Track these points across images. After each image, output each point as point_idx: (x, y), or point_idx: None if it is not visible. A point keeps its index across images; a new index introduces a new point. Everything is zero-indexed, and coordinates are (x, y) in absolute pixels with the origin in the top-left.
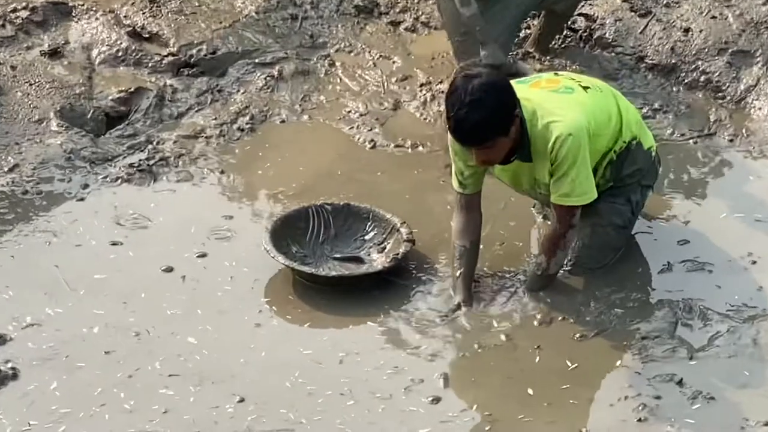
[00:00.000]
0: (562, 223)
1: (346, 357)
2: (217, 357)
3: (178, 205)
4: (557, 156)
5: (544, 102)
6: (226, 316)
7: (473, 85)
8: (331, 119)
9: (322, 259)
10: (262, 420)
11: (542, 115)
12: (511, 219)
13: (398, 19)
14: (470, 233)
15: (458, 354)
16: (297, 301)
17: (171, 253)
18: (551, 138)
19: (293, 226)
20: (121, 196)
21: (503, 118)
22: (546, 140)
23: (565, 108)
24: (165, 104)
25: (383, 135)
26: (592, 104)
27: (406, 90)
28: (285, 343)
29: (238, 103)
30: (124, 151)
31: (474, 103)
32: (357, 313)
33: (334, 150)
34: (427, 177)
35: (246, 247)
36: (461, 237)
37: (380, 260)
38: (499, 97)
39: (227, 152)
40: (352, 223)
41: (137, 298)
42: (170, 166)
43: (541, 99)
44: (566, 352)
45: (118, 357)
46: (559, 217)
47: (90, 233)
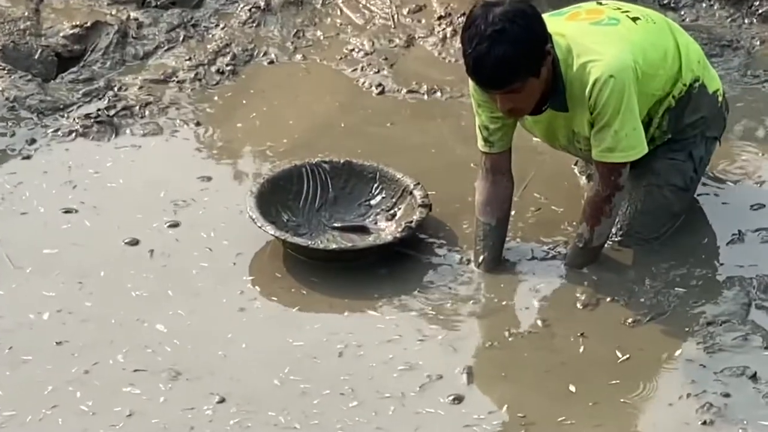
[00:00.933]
0: (607, 185)
1: (346, 349)
2: (192, 348)
3: (144, 165)
4: (597, 102)
5: (581, 37)
6: (202, 299)
7: (495, 13)
8: (330, 59)
9: (319, 229)
10: (246, 424)
11: (579, 53)
12: (548, 179)
13: None
14: (497, 207)
15: (485, 344)
16: (288, 279)
17: (136, 222)
18: (589, 81)
19: (283, 188)
20: (76, 153)
21: (533, 54)
22: (583, 84)
23: (607, 44)
24: (128, 42)
25: (393, 78)
26: (642, 38)
27: (421, 23)
28: (273, 331)
29: (217, 40)
30: (78, 99)
31: (496, 34)
32: (361, 295)
33: (334, 96)
34: (446, 129)
35: (226, 215)
36: (486, 212)
37: (390, 229)
38: (527, 26)
39: (204, 100)
40: (355, 184)
41: (95, 278)
42: (135, 116)
43: (578, 33)
44: (615, 341)
45: (73, 348)
46: (602, 176)
47: (38, 198)
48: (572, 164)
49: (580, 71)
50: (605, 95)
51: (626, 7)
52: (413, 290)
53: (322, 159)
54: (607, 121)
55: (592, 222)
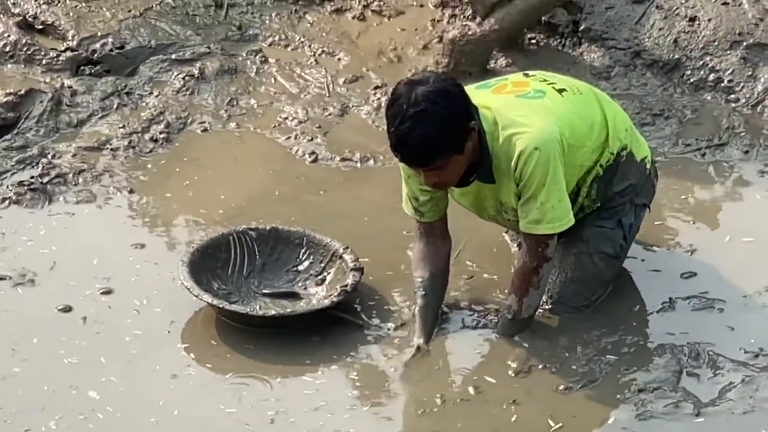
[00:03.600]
0: (534, 256)
1: (276, 416)
2: (124, 415)
3: (78, 232)
4: (522, 174)
5: (507, 110)
6: (134, 366)
7: (417, 93)
8: (263, 127)
9: (249, 296)
10: None
11: (504, 125)
12: (479, 247)
13: (344, 6)
14: (431, 262)
15: (416, 411)
16: (221, 346)
17: (69, 289)
18: (515, 153)
19: (212, 256)
20: (9, 220)
21: (454, 133)
22: (509, 156)
23: (533, 116)
24: (62, 110)
25: (327, 146)
26: (568, 110)
27: (356, 93)
28: (205, 399)
29: (151, 108)
30: (12, 167)
31: (418, 115)
32: (293, 361)
33: (268, 165)
34: (379, 196)
35: (159, 283)
36: (419, 267)
37: (321, 294)
38: (448, 107)
39: (138, 167)
40: (282, 250)
41: (28, 344)
42: (68, 184)
43: (504, 106)
44: (548, 409)
45: (5, 415)
46: (529, 248)
47: None
48: (503, 232)
49: (506, 144)
50: (530, 167)
51: (552, 79)
52: (345, 356)
53: (248, 226)
54: (532, 193)
55: (520, 293)
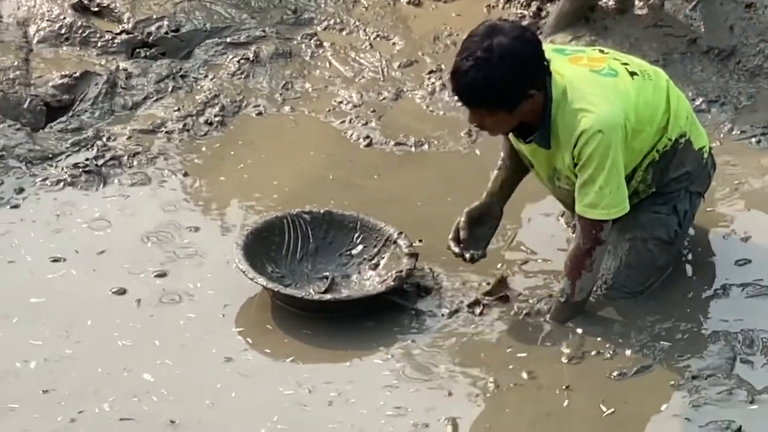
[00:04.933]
0: (588, 239)
1: (336, 397)
2: (179, 398)
3: (132, 214)
4: (581, 153)
5: (579, 82)
6: (189, 349)
7: (492, 40)
8: (318, 111)
9: (303, 280)
10: None
11: (573, 98)
12: (534, 232)
13: None
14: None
15: (470, 395)
16: (276, 330)
17: (124, 272)
18: (577, 129)
19: (266, 240)
20: (64, 202)
21: (507, 93)
22: (571, 129)
23: (602, 96)
24: (117, 92)
25: (381, 130)
26: (636, 94)
27: (411, 77)
28: (262, 381)
29: (206, 92)
30: (67, 149)
31: (481, 61)
32: (349, 345)
33: (322, 148)
34: (433, 181)
35: (213, 266)
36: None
37: (375, 279)
38: (513, 68)
39: (192, 150)
40: (336, 234)
41: (82, 327)
42: (123, 166)
43: (577, 78)
44: (601, 394)
45: (59, 397)
46: (583, 230)
47: (25, 247)
48: (559, 216)
49: (570, 116)
50: (591, 149)
51: (626, 60)
52: (400, 340)
53: (302, 210)
54: (591, 175)
55: (573, 276)
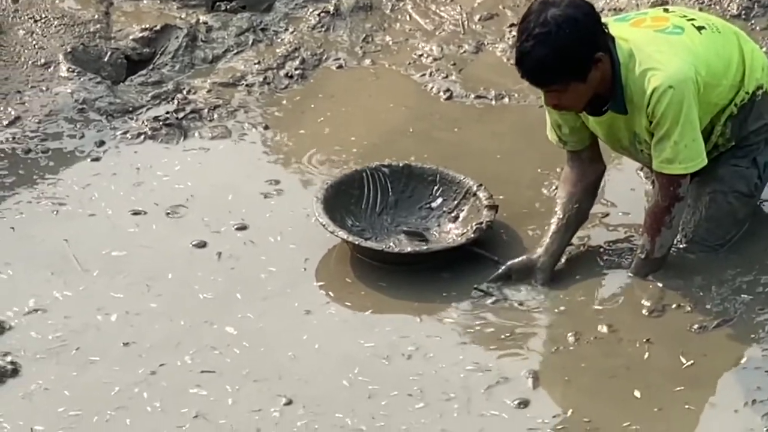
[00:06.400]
0: (666, 195)
1: (415, 351)
2: (261, 350)
3: (212, 167)
4: (655, 111)
5: (644, 44)
6: (270, 302)
7: (547, 14)
8: (398, 64)
9: (383, 233)
10: (313, 426)
11: (641, 60)
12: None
13: None
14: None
15: (550, 348)
16: (356, 283)
17: (204, 225)
18: (648, 88)
19: (346, 193)
20: (144, 155)
21: (574, 61)
22: (643, 90)
23: (669, 53)
24: (197, 45)
25: (461, 84)
26: (706, 48)
27: (492, 30)
28: (342, 334)
29: (286, 45)
30: (147, 102)
31: (541, 36)
32: (428, 298)
33: (402, 101)
34: (513, 134)
35: (294, 219)
36: (560, 189)
37: (455, 231)
38: (575, 34)
39: (272, 103)
40: (415, 187)
41: (163, 280)
42: (204, 119)
43: (641, 40)
44: (681, 347)
45: (140, 350)
46: (662, 187)
47: (106, 200)
48: (638, 169)
49: (640, 78)
50: (663, 105)
51: (692, 15)
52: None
53: (381, 163)
54: (666, 131)
55: (652, 233)
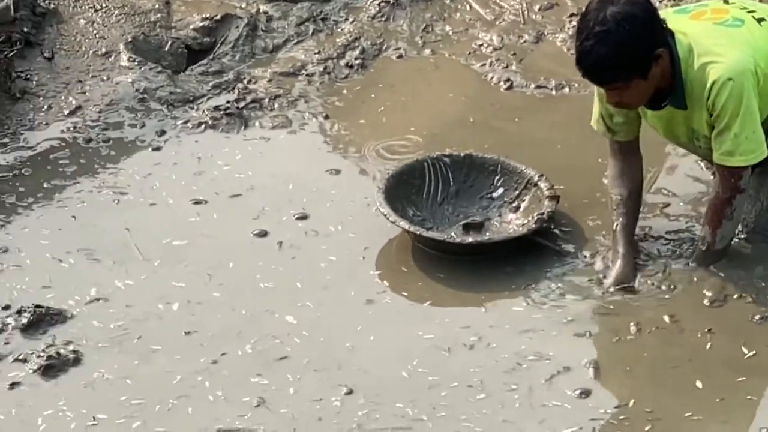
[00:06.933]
0: (727, 187)
1: (476, 341)
2: (321, 340)
3: (273, 157)
4: (715, 104)
5: (704, 37)
6: (330, 291)
7: (606, 12)
8: (458, 54)
9: (444, 223)
10: (374, 416)
11: (700, 53)
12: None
13: None
14: (628, 179)
15: (612, 338)
16: (416, 273)
17: (265, 214)
18: (708, 81)
19: (407, 183)
20: (205, 144)
21: (636, 57)
22: (702, 84)
23: (729, 46)
24: (258, 35)
25: (521, 73)
26: (765, 41)
27: (551, 20)
28: (402, 324)
29: (347, 34)
30: (208, 91)
31: (602, 34)
32: (489, 288)
33: (462, 91)
34: (573, 124)
35: (354, 209)
36: (617, 185)
37: (516, 222)
38: (634, 31)
39: (333, 93)
40: (476, 177)
41: (224, 269)
42: (264, 109)
43: (700, 33)
44: (742, 337)
45: (202, 339)
46: (722, 179)
47: (167, 190)
48: (698, 160)
49: (700, 71)
50: (723, 98)
51: (753, 7)
52: (541, 284)
53: (442, 153)
54: (726, 124)
55: (713, 225)
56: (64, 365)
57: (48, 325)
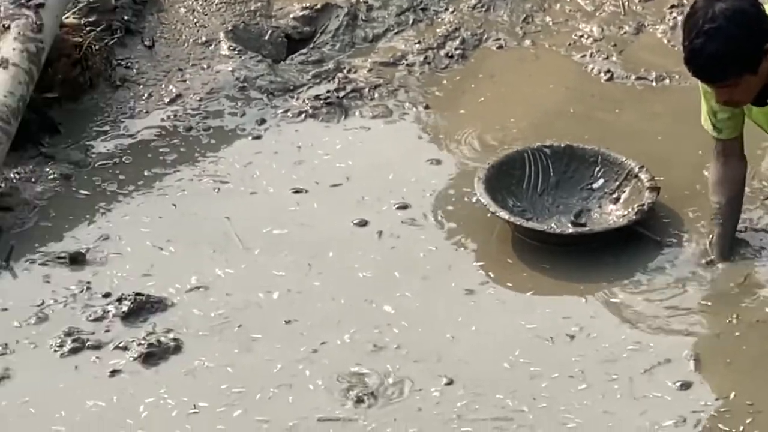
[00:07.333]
0: None
1: (577, 332)
2: (421, 330)
3: (373, 146)
4: None
5: None
6: (430, 282)
7: (715, 9)
8: (558, 45)
9: (544, 213)
10: (474, 406)
11: None
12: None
13: None
14: (728, 186)
15: (712, 330)
16: (516, 263)
17: (365, 203)
18: None
19: (507, 174)
20: (305, 134)
21: (747, 53)
22: None
23: None
24: (358, 24)
25: (622, 65)
26: None
27: (652, 11)
28: (503, 314)
29: (447, 24)
30: (308, 81)
31: (712, 31)
32: (590, 279)
33: (562, 82)
34: (674, 116)
35: (454, 199)
36: (717, 192)
37: (616, 213)
38: (745, 26)
39: (433, 83)
40: (577, 168)
41: (324, 258)
42: (364, 98)
43: None
44: None
45: (301, 327)
46: None
47: (267, 179)
48: None
49: None
50: None
51: None
52: (641, 274)
53: (542, 144)
54: None
55: None
56: (164, 353)
57: (148, 312)
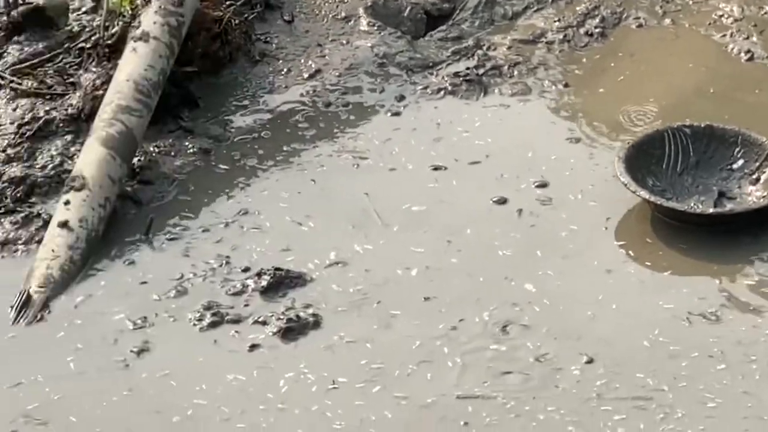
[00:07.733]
0: None
1: (716, 312)
2: (561, 309)
3: (512, 124)
4: None
5: None
6: (571, 260)
7: None
8: (698, 24)
9: (684, 193)
10: (614, 385)
11: None
12: None
13: None
14: None
15: None
16: (657, 244)
17: (504, 181)
18: None
19: (647, 153)
20: (444, 110)
21: None
22: None
23: None
24: (497, 2)
25: (762, 45)
26: None
27: None
28: (643, 294)
29: (586, 2)
30: (447, 57)
31: None
32: (728, 259)
33: (702, 62)
34: None
35: (594, 178)
36: None
37: (757, 194)
38: None
39: (572, 61)
40: (716, 148)
41: (463, 235)
42: (504, 76)
43: None
44: None
45: (440, 304)
46: None
47: (406, 155)
48: None
49: None
50: None
51: None
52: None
53: (683, 123)
54: None
55: None
56: (303, 328)
57: (287, 287)
